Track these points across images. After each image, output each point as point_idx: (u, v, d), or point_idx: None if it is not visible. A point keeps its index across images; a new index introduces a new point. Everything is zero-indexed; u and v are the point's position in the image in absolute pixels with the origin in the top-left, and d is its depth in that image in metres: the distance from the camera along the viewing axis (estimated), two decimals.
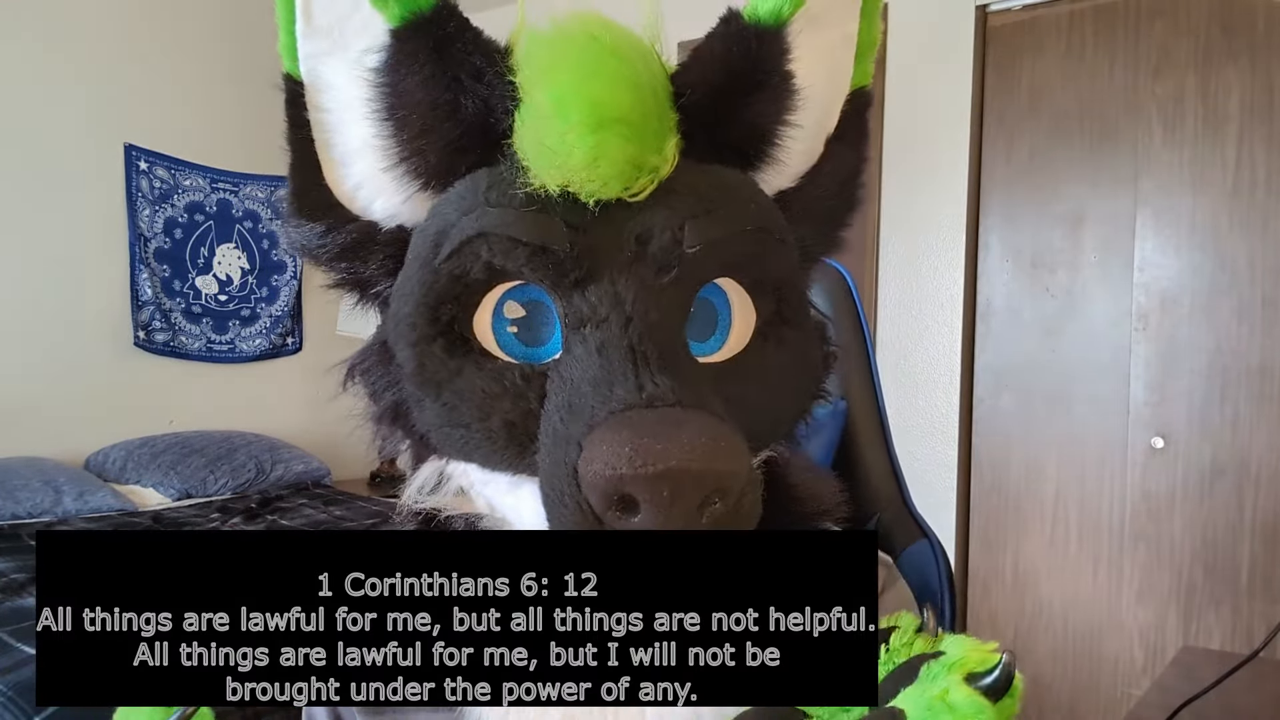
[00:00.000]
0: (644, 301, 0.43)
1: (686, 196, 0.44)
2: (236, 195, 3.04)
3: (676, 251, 0.43)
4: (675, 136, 0.44)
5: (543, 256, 0.43)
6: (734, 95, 0.46)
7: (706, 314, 0.46)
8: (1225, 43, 2.08)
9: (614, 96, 0.42)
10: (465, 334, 0.46)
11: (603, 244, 0.43)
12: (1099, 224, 2.25)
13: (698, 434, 0.38)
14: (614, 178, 0.42)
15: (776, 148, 0.48)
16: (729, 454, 0.38)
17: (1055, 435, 2.30)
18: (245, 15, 3.03)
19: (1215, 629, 2.10)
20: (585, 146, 0.41)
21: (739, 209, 0.45)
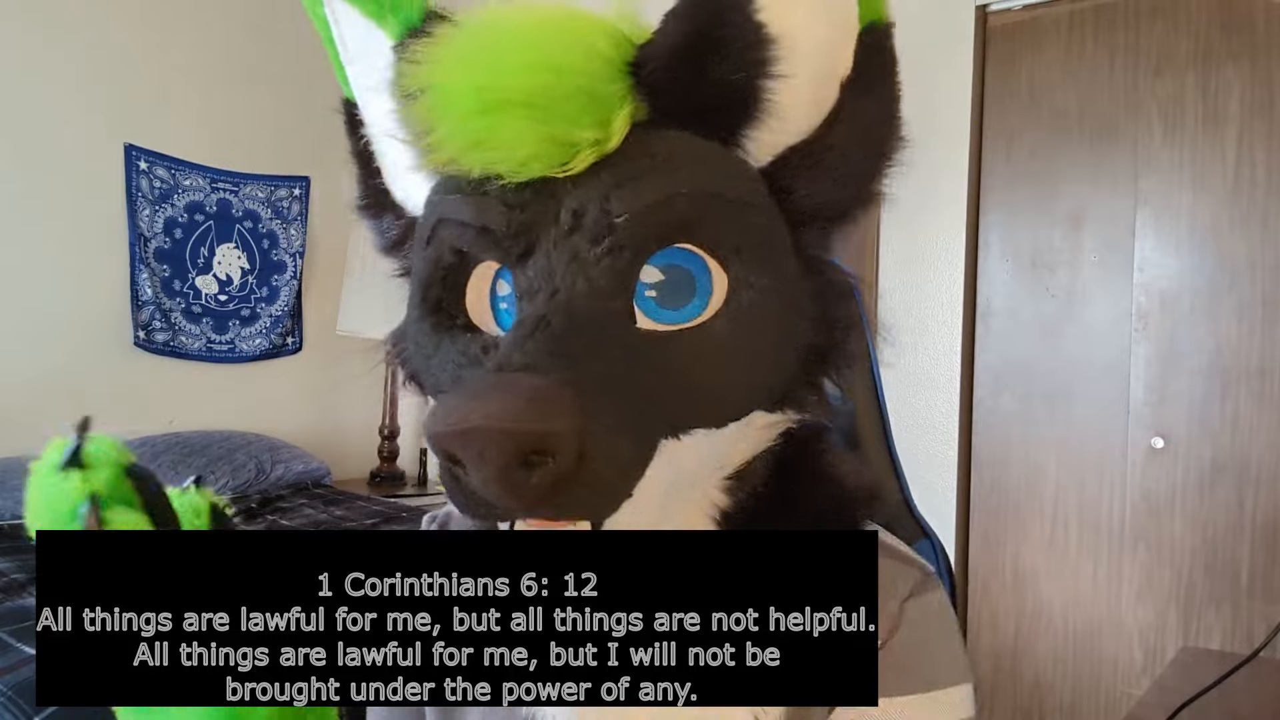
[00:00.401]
0: (573, 274, 0.44)
1: (621, 166, 0.44)
2: (236, 195, 3.04)
3: (606, 221, 0.44)
4: (624, 108, 0.44)
5: (486, 236, 0.46)
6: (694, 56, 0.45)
7: (679, 280, 0.46)
8: (1225, 43, 2.08)
9: (505, 80, 0.43)
10: (454, 312, 0.51)
11: (540, 220, 0.45)
12: (1099, 223, 2.25)
13: (510, 394, 0.37)
14: (529, 158, 0.43)
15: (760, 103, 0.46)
16: (537, 413, 0.36)
17: (1055, 435, 2.30)
18: (246, 15, 3.03)
19: (1215, 629, 2.10)
20: (469, 132, 0.43)
21: (676, 173, 0.44)
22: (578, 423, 0.37)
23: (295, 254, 3.19)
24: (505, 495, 0.38)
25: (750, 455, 0.52)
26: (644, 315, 0.46)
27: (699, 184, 0.44)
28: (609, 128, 0.44)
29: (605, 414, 0.39)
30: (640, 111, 0.45)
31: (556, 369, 0.39)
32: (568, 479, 0.38)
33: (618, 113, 0.44)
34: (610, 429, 0.39)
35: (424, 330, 0.50)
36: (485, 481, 0.38)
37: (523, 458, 0.37)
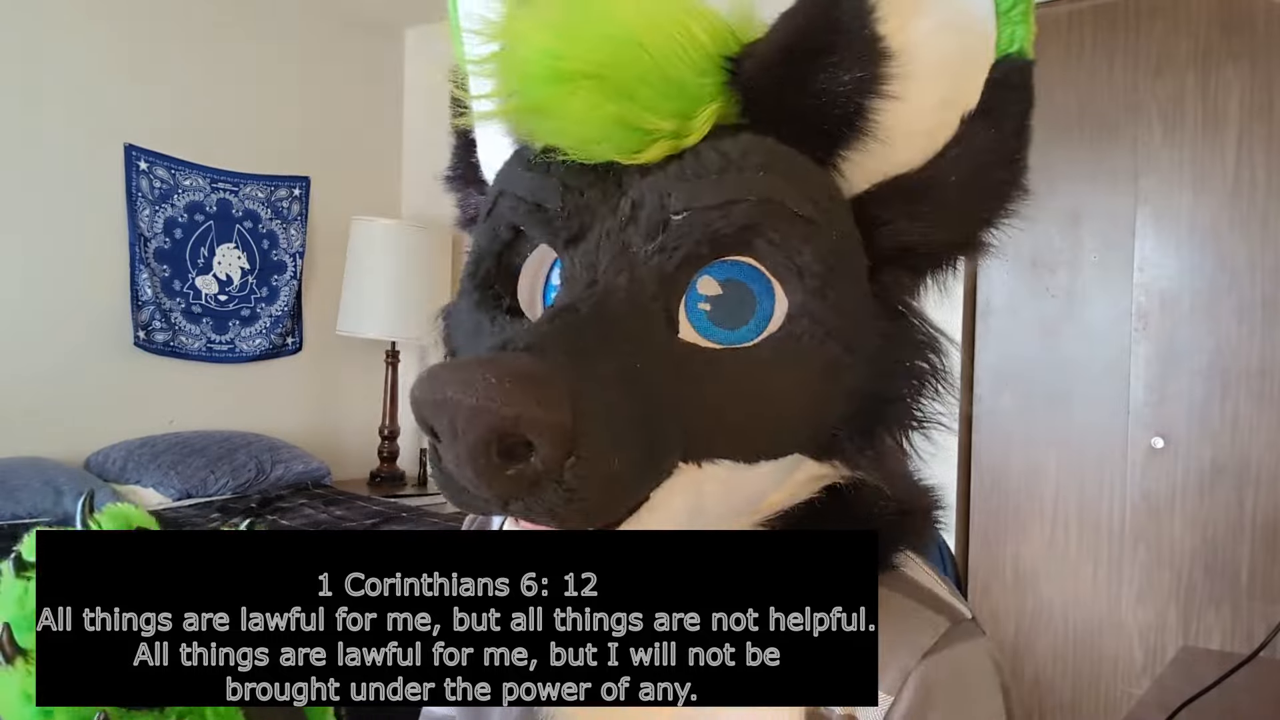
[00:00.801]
0: (618, 266, 0.41)
1: (690, 161, 0.41)
2: (236, 195, 3.04)
3: (662, 217, 0.41)
4: (714, 104, 0.41)
5: (540, 214, 0.44)
6: (798, 59, 0.41)
7: (738, 298, 0.42)
8: (1225, 43, 2.08)
9: (579, 49, 0.40)
10: (501, 292, 0.48)
11: (598, 206, 0.42)
12: (1099, 223, 2.25)
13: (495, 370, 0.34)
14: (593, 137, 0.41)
15: (864, 122, 0.42)
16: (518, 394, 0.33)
17: (1055, 435, 2.30)
18: (246, 15, 3.03)
19: (1215, 629, 2.10)
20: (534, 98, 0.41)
21: (744, 176, 0.40)
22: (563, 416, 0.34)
23: (295, 254, 3.19)
24: (475, 479, 0.36)
25: (787, 504, 0.46)
26: (693, 329, 0.42)
27: (767, 192, 0.40)
28: (690, 121, 0.41)
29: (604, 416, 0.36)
30: (730, 111, 0.42)
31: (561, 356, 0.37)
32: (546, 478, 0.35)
33: (704, 107, 0.41)
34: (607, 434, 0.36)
35: (468, 306, 0.48)
36: (457, 461, 0.35)
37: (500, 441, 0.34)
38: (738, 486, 0.43)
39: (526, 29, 0.42)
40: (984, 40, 0.43)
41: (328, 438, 3.28)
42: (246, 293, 3.09)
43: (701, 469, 0.41)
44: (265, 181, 3.11)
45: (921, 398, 0.46)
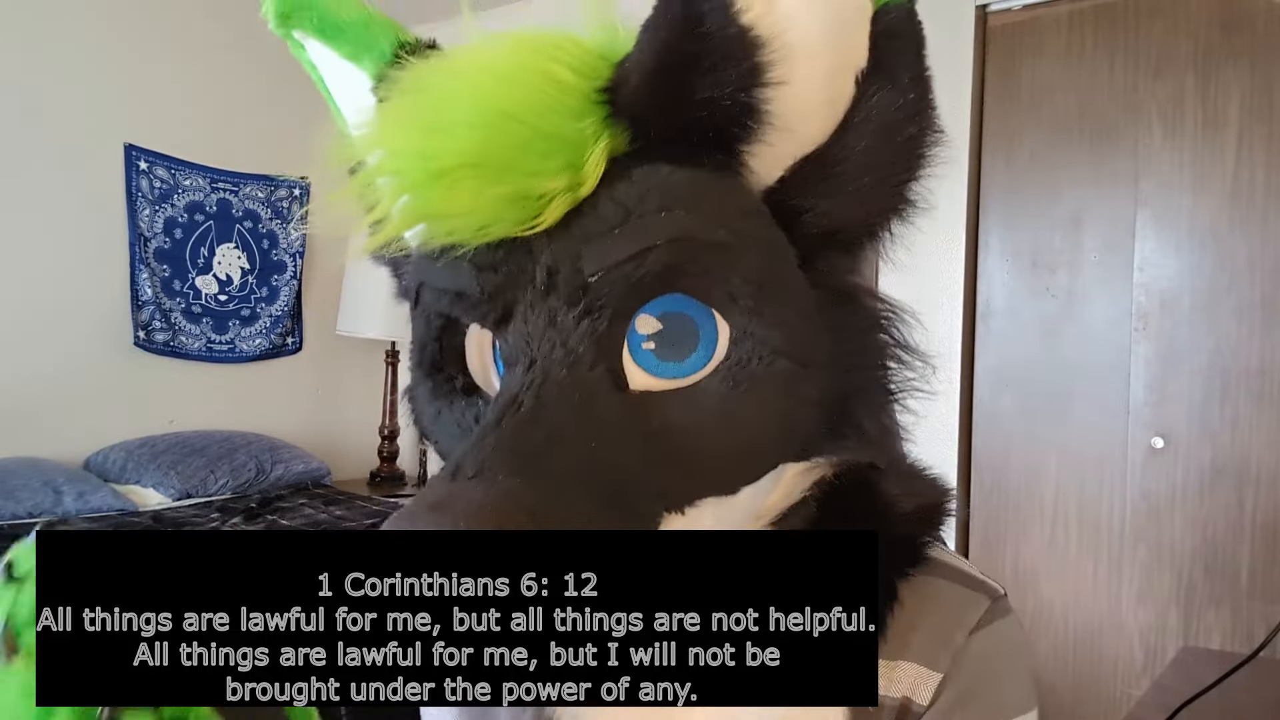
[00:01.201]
0: (550, 340, 0.40)
1: (590, 217, 0.40)
2: (236, 195, 3.04)
3: (579, 281, 0.39)
4: (600, 143, 0.40)
5: (462, 300, 0.43)
6: (673, 75, 0.39)
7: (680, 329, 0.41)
8: (1225, 43, 2.08)
9: (450, 142, 0.38)
10: (453, 373, 0.48)
11: (516, 280, 0.41)
12: (1099, 224, 2.25)
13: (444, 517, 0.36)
14: (488, 222, 0.39)
15: (757, 117, 0.40)
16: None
17: (1055, 435, 2.30)
18: (246, 15, 3.03)
19: (1215, 629, 2.10)
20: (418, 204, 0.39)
21: (647, 221, 0.39)
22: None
23: (295, 254, 3.20)
24: None
25: (786, 505, 0.47)
26: (642, 370, 0.41)
27: (672, 231, 0.39)
28: (580, 171, 0.39)
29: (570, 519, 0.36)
30: (621, 143, 0.41)
31: (511, 473, 0.36)
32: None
33: (590, 151, 0.39)
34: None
35: (425, 393, 0.48)
36: None
37: None
38: (726, 515, 0.43)
39: (392, 137, 0.40)
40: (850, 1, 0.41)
41: (328, 438, 3.28)
42: (246, 293, 3.09)
43: (685, 515, 0.41)
44: (265, 181, 3.11)
45: (888, 374, 0.45)
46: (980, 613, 0.47)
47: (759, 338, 0.40)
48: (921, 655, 0.47)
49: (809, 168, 0.42)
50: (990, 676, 0.47)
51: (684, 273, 0.40)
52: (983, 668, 0.47)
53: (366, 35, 0.48)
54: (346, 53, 0.49)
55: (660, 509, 0.40)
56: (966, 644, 0.47)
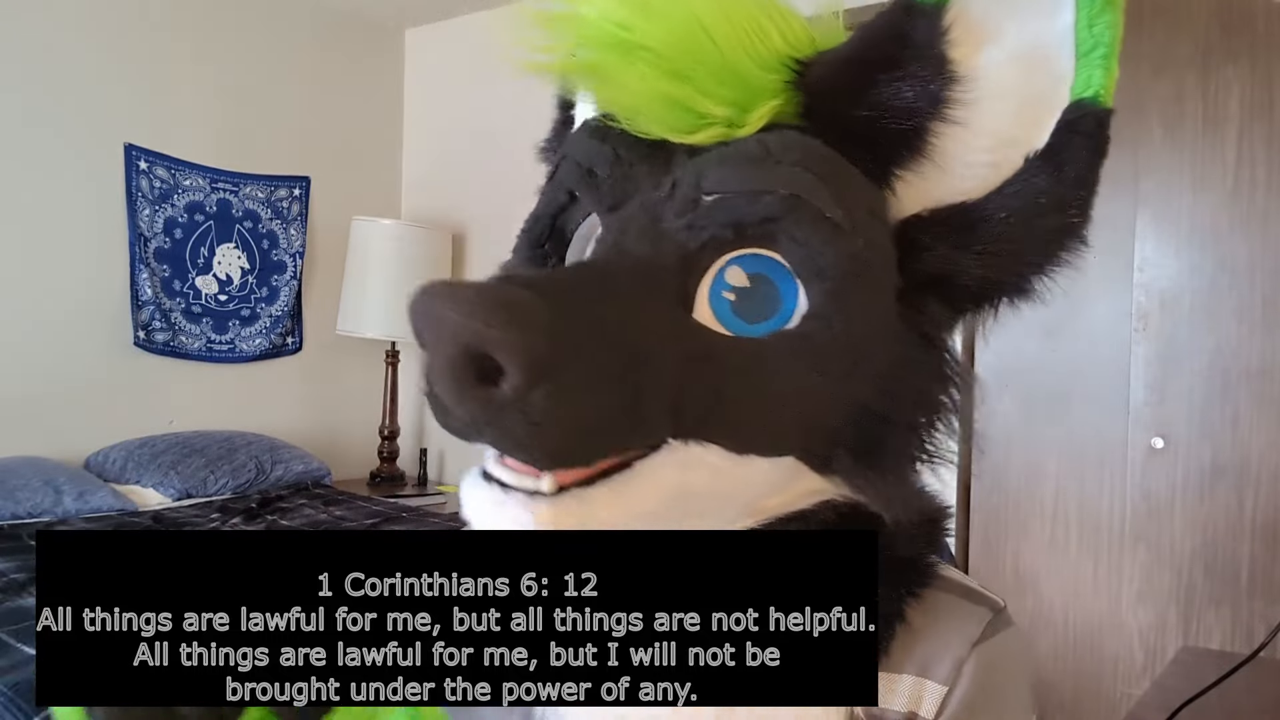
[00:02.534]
0: (643, 235, 0.41)
1: (733, 146, 0.41)
2: (236, 195, 3.04)
3: (693, 196, 0.41)
4: (774, 100, 0.41)
5: (591, 179, 0.45)
6: (868, 69, 0.41)
7: (763, 293, 0.41)
8: (1225, 43, 2.08)
9: (643, 22, 0.40)
10: (550, 253, 0.49)
11: (643, 179, 0.43)
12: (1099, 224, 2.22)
13: (480, 291, 0.34)
14: (643, 111, 0.41)
15: (921, 142, 0.41)
16: (491, 313, 0.33)
17: (1055, 435, 2.30)
18: (246, 15, 3.03)
19: (1215, 629, 2.10)
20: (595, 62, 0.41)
21: (779, 169, 0.40)
22: (533, 341, 0.33)
23: (295, 254, 3.19)
24: (449, 393, 0.35)
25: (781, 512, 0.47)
26: (713, 314, 0.42)
27: (797, 188, 0.40)
28: (747, 114, 0.41)
29: (583, 356, 0.35)
30: (790, 112, 0.42)
31: (555, 294, 0.36)
32: (513, 404, 0.34)
33: (762, 102, 0.41)
34: (580, 371, 0.35)
35: (519, 262, 0.49)
36: (437, 372, 0.35)
37: (474, 359, 0.34)
38: (726, 478, 0.42)
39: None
40: (1058, 80, 0.42)
41: (328, 438, 3.28)
42: (246, 293, 3.09)
43: (689, 448, 0.40)
44: (265, 181, 3.11)
45: (932, 430, 0.45)
46: (983, 625, 0.48)
47: (829, 320, 0.40)
48: (926, 669, 0.47)
49: (947, 216, 0.43)
50: (993, 689, 0.48)
51: (786, 231, 0.40)
52: (986, 680, 0.47)
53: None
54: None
55: (667, 426, 0.39)
56: (970, 657, 0.47)
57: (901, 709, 0.47)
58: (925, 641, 0.48)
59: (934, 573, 0.50)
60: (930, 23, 0.41)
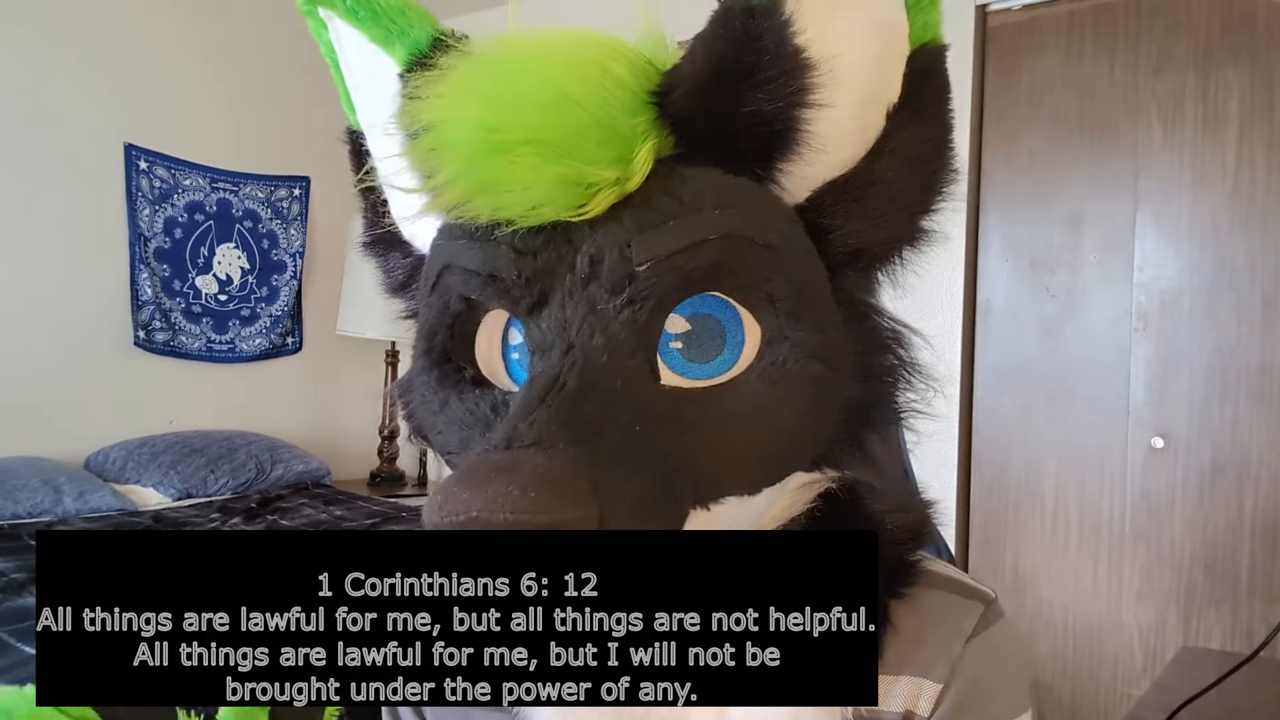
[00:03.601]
0: (590, 326, 0.40)
1: (642, 209, 0.40)
2: (236, 195, 3.04)
3: (625, 270, 0.40)
4: (648, 142, 0.41)
5: (495, 284, 0.43)
6: (726, 84, 0.41)
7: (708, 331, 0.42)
8: (1225, 43, 2.08)
9: (513, 117, 0.39)
10: (461, 363, 0.47)
11: (554, 267, 0.41)
12: (1099, 224, 2.25)
13: (516, 479, 0.34)
14: (541, 202, 0.40)
15: (798, 133, 0.42)
16: (547, 502, 0.34)
17: (1055, 435, 2.30)
18: (246, 15, 3.03)
19: (1215, 629, 2.10)
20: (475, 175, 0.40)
21: (702, 216, 0.40)
22: (592, 510, 0.34)
23: (295, 254, 3.20)
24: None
25: (786, 518, 0.48)
26: (669, 370, 0.42)
27: (727, 228, 0.40)
28: (630, 165, 0.40)
29: (628, 494, 0.36)
30: (665, 145, 0.42)
31: (570, 444, 0.36)
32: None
33: (639, 148, 0.40)
34: (635, 514, 0.36)
35: (430, 383, 0.47)
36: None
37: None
38: (741, 517, 0.43)
39: (454, 106, 0.41)
40: (898, 33, 0.43)
41: (328, 438, 3.28)
42: (246, 293, 3.09)
43: (710, 511, 0.41)
44: (265, 181, 3.11)
45: (896, 393, 0.46)
46: (975, 620, 0.49)
47: (795, 340, 0.41)
48: (921, 668, 0.48)
49: (836, 191, 0.43)
50: (988, 683, 0.48)
51: (731, 270, 0.40)
52: (980, 675, 0.48)
53: (401, 21, 0.48)
54: (377, 36, 0.49)
55: (689, 503, 0.40)
56: (964, 652, 0.47)
57: (899, 710, 0.47)
58: (918, 641, 0.48)
59: (919, 570, 0.50)
60: (773, 20, 0.41)
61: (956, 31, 2.35)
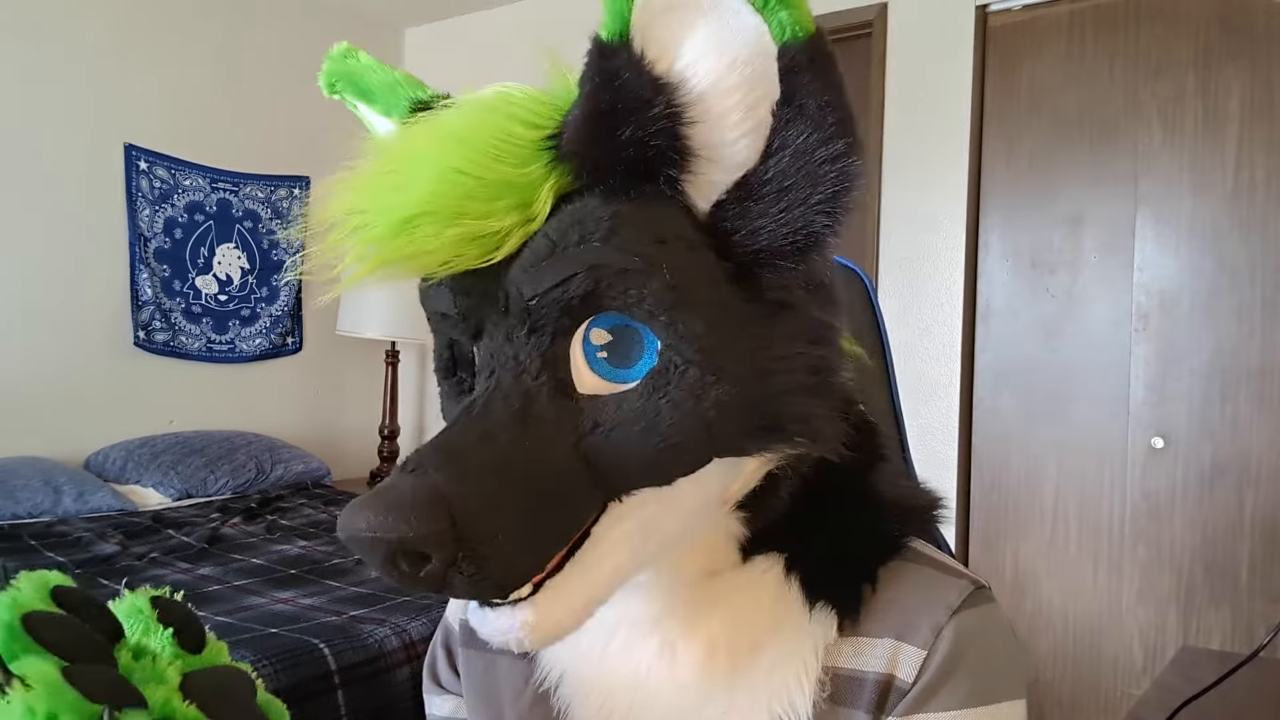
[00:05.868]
0: (505, 353, 0.46)
1: (531, 249, 0.45)
2: (236, 195, 3.04)
3: (522, 304, 0.45)
4: (548, 182, 0.45)
5: (447, 320, 0.50)
6: (601, 120, 0.45)
7: (627, 339, 0.45)
8: (1225, 43, 2.08)
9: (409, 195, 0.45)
10: (464, 375, 0.54)
11: (485, 302, 0.47)
12: (1099, 224, 2.25)
13: (384, 501, 0.40)
14: (450, 259, 0.45)
15: (682, 148, 0.45)
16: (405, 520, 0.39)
17: (1055, 435, 2.30)
18: (246, 16, 3.03)
19: (1215, 629, 2.10)
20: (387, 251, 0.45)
21: (568, 253, 0.44)
22: (440, 524, 0.39)
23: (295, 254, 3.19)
24: (402, 586, 0.41)
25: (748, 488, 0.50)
26: (598, 377, 0.45)
27: (593, 259, 0.44)
28: (531, 208, 0.45)
29: (484, 508, 0.40)
30: (565, 182, 0.46)
31: (438, 467, 0.41)
32: (450, 571, 0.40)
33: (539, 190, 0.45)
34: (488, 522, 0.40)
35: (445, 393, 0.55)
36: (380, 571, 0.41)
37: (399, 558, 0.39)
38: (674, 500, 0.46)
39: (361, 194, 0.47)
40: (759, 37, 0.44)
41: (328, 438, 3.28)
42: (246, 293, 3.09)
43: (624, 502, 0.45)
44: (265, 181, 3.11)
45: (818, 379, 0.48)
46: (963, 596, 0.51)
47: (675, 349, 0.44)
48: (904, 633, 0.49)
49: (739, 193, 0.46)
50: (976, 656, 0.49)
51: (603, 295, 0.44)
52: (967, 647, 0.49)
53: (392, 95, 0.57)
54: (379, 110, 0.59)
55: (600, 497, 0.44)
56: (950, 623, 0.49)
57: (881, 671, 0.49)
58: (902, 608, 0.50)
59: (907, 547, 0.53)
60: (625, 55, 0.44)
61: (957, 32, 2.35)
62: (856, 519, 0.53)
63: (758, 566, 0.52)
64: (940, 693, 0.48)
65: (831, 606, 0.50)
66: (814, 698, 0.49)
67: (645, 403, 0.44)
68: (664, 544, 0.47)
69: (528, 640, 0.43)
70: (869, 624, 0.50)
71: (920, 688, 0.48)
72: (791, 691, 0.49)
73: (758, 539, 0.52)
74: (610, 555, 0.45)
